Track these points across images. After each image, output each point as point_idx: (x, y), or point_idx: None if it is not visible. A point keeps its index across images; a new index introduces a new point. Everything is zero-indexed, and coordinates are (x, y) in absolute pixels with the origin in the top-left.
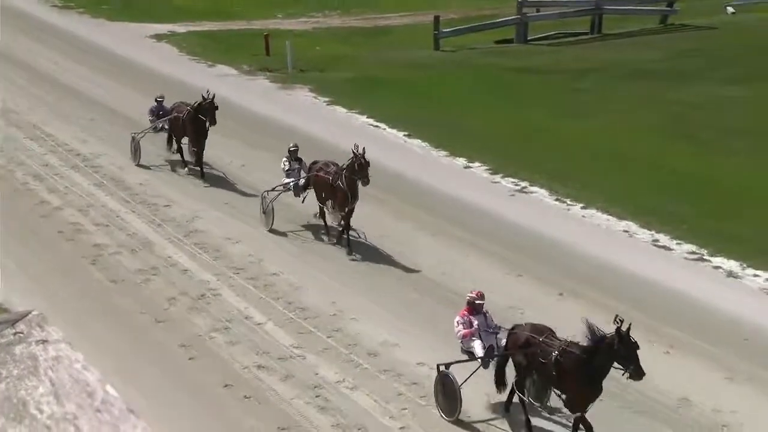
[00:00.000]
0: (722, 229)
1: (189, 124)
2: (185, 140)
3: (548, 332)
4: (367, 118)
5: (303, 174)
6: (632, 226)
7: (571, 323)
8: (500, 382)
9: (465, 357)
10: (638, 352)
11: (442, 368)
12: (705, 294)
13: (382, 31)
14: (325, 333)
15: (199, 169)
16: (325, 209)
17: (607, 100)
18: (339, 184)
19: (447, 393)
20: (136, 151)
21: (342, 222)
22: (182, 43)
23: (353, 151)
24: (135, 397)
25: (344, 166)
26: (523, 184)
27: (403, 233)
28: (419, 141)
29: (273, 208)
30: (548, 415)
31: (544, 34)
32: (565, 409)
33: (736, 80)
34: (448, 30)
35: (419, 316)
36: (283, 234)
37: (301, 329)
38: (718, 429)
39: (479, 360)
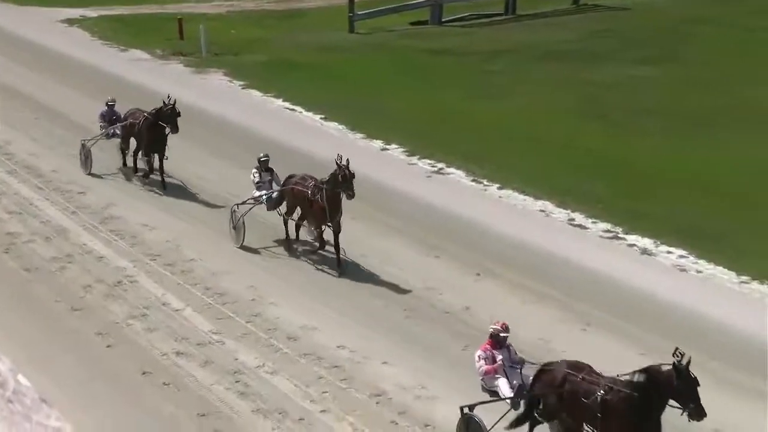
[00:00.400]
0: (637, 208)
1: (147, 132)
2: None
3: (587, 369)
4: (282, 101)
5: (275, 186)
6: (548, 206)
7: (488, 304)
8: (521, 424)
9: (488, 396)
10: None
11: (465, 410)
12: (620, 271)
13: (296, 13)
14: (244, 318)
15: (160, 179)
16: (301, 225)
17: (520, 81)
18: (317, 199)
19: None
20: (86, 159)
21: (318, 236)
22: (94, 28)
23: (336, 163)
24: (49, 386)
25: (323, 179)
26: (440, 165)
27: None
28: (336, 124)
29: (244, 223)
30: None
31: (458, 16)
32: None
33: (648, 61)
34: (362, 12)
35: (338, 299)
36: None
37: (220, 315)
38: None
39: (507, 401)
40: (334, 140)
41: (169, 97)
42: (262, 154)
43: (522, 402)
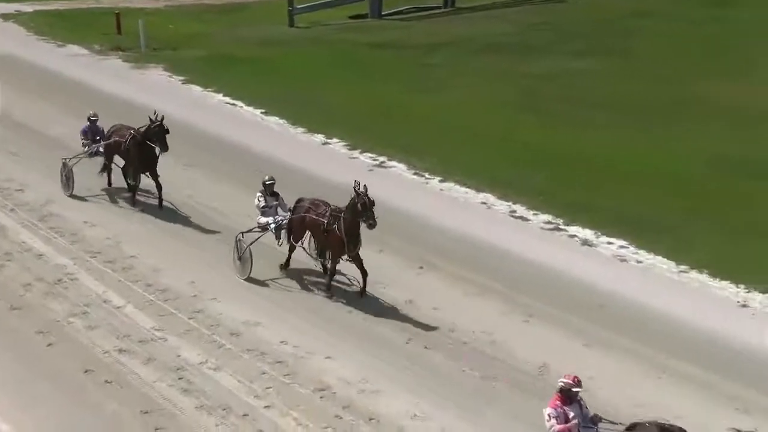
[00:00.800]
0: (577, 200)
1: (135, 152)
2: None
3: None
4: (223, 96)
5: (281, 212)
6: (490, 198)
7: (431, 297)
8: None
9: None
10: None
11: None
12: (561, 262)
13: (236, 8)
14: (187, 314)
15: (131, 196)
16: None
17: (459, 74)
18: (335, 229)
19: None
20: (68, 180)
21: (331, 267)
22: (30, 23)
23: (355, 189)
24: None
25: (337, 207)
26: (381, 159)
27: None
28: (276, 118)
29: (251, 254)
30: None
31: (397, 9)
32: None
33: (584, 53)
34: (302, 6)
35: (280, 295)
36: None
37: (162, 311)
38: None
39: None
40: (275, 135)
41: (155, 113)
42: (267, 177)
43: None
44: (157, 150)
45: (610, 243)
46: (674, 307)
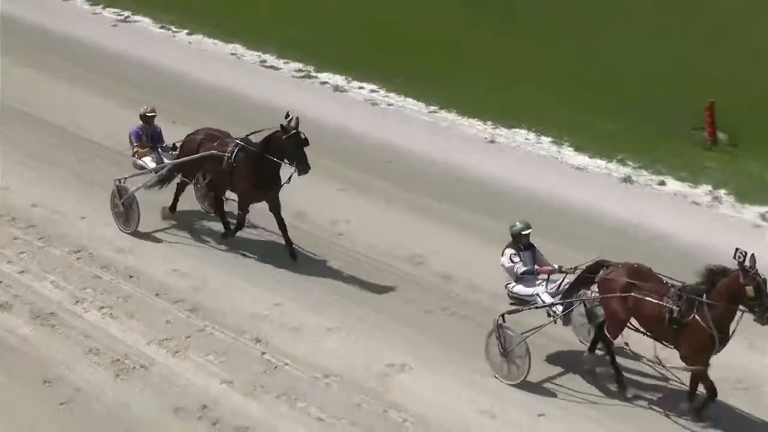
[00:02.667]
0: (328, 49)
1: (246, 170)
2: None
3: None
4: None
5: (543, 277)
6: (239, 49)
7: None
8: None
9: None
10: None
11: None
12: (315, 108)
13: None
14: None
15: (231, 232)
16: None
17: None
18: (695, 320)
19: None
20: (127, 210)
21: (693, 384)
22: None
23: (739, 263)
24: None
25: (686, 285)
26: (126, 13)
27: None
28: None
29: (528, 352)
30: None
31: None
32: None
33: None
34: None
35: (30, 157)
36: None
37: None
38: (335, 237)
39: None
40: None
41: (288, 115)
42: (519, 225)
43: None
44: (289, 170)
45: (361, 88)
46: (426, 146)
